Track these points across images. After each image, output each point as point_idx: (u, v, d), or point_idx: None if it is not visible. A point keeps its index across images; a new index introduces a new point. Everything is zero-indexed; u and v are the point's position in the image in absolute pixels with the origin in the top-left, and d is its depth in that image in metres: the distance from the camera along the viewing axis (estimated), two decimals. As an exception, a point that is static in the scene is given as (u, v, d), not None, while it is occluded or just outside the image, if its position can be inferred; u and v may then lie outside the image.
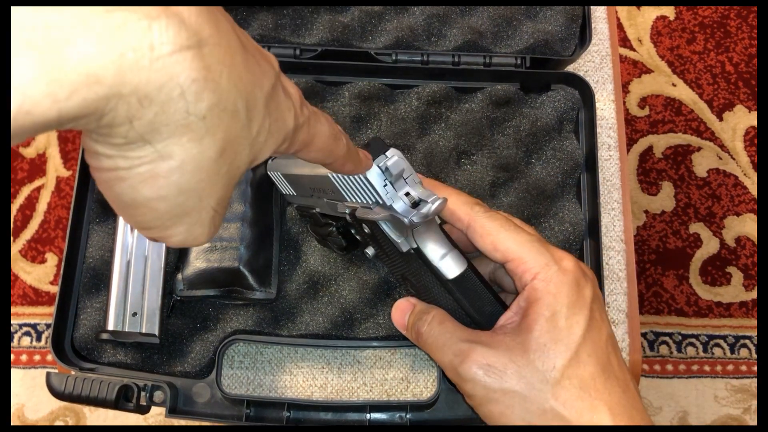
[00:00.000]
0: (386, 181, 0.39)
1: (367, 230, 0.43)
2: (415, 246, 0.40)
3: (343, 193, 0.43)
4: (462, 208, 0.41)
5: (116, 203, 0.28)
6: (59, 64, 0.21)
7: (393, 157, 0.39)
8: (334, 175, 0.42)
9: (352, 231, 0.48)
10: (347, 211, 0.43)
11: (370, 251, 0.46)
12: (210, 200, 0.29)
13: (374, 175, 0.39)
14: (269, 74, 0.29)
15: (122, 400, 0.52)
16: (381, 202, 0.39)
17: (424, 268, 0.41)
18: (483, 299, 0.41)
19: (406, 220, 0.38)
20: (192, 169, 0.26)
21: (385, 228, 0.41)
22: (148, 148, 0.25)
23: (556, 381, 0.35)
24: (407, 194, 0.39)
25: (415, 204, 0.39)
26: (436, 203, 0.38)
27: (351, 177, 0.40)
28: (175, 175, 0.26)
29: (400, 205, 0.39)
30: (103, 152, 0.26)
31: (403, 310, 0.43)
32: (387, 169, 0.39)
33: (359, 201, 0.42)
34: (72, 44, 0.21)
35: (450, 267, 0.40)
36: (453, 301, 0.41)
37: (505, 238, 0.39)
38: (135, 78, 0.23)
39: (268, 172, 0.55)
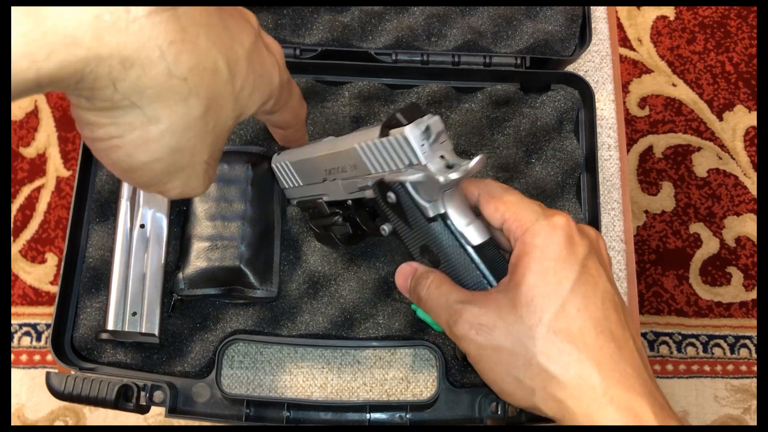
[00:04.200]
0: (423, 141, 0.40)
1: (392, 199, 0.43)
2: (442, 211, 0.41)
3: (368, 164, 0.44)
4: (475, 181, 0.42)
5: (115, 169, 0.30)
6: (37, 26, 0.22)
7: (434, 117, 0.40)
8: (362, 144, 0.43)
9: (358, 220, 0.49)
10: (369, 184, 0.44)
11: (387, 227, 0.46)
12: (202, 155, 0.30)
13: (413, 134, 0.40)
14: (248, 30, 0.30)
15: (122, 400, 0.52)
16: (417, 162, 0.40)
17: (448, 233, 0.42)
18: (503, 268, 0.41)
19: (442, 178, 0.39)
20: (181, 130, 0.28)
21: (413, 192, 0.42)
22: (137, 112, 0.26)
23: (542, 335, 0.35)
24: (442, 157, 0.40)
25: (449, 167, 0.40)
26: (476, 159, 0.39)
27: (386, 141, 0.41)
28: (166, 137, 0.27)
29: (436, 164, 0.40)
30: (94, 120, 0.26)
31: (405, 275, 0.44)
32: (428, 128, 0.40)
33: (387, 169, 0.43)
34: (49, 7, 0.22)
35: (474, 234, 0.41)
36: (474, 268, 0.41)
37: (506, 201, 0.40)
38: (113, 40, 0.23)
39: (273, 165, 0.55)
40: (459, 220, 0.41)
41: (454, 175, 0.39)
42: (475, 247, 0.41)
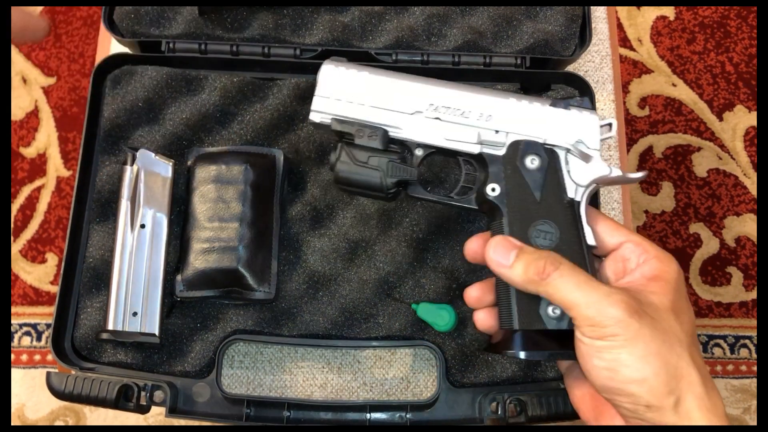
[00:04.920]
0: (601, 133, 0.47)
1: (533, 163, 0.46)
2: (578, 199, 0.45)
3: (522, 122, 0.47)
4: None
5: None
6: None
7: (615, 121, 0.48)
8: (527, 102, 0.48)
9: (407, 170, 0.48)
10: (503, 140, 0.47)
11: (497, 187, 0.46)
12: None
13: (598, 124, 0.47)
14: None
15: (122, 399, 0.52)
16: (590, 146, 0.46)
17: (574, 221, 0.45)
18: (595, 274, 0.44)
19: (612, 170, 0.46)
20: None
21: (565, 170, 0.46)
22: None
23: (689, 342, 0.40)
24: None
25: None
26: (643, 172, 0.48)
27: (568, 113, 0.47)
28: None
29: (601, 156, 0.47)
30: None
31: (506, 248, 0.44)
32: (610, 125, 0.47)
33: (547, 136, 0.47)
34: None
35: (590, 235, 0.45)
36: (583, 259, 0.44)
37: (626, 228, 0.46)
38: None
39: (334, 68, 0.50)
40: (584, 216, 0.45)
41: (636, 175, 0.46)
42: (588, 246, 0.44)
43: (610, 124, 0.48)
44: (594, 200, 0.60)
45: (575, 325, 0.40)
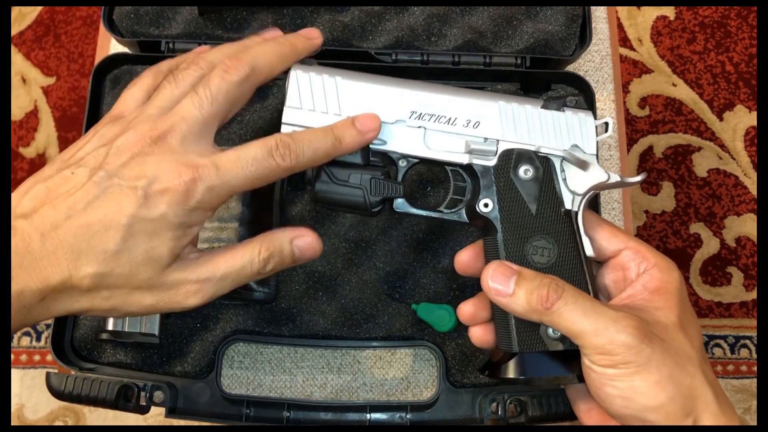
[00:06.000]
0: (598, 134, 0.44)
1: (527, 174, 0.43)
2: (576, 210, 0.43)
3: (513, 128, 0.44)
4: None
5: None
6: None
7: (610, 120, 0.45)
8: (516, 105, 0.44)
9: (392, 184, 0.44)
10: (492, 148, 0.43)
11: (490, 202, 0.43)
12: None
13: (594, 125, 0.44)
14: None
15: (122, 400, 0.52)
16: (587, 151, 0.44)
17: (572, 233, 0.42)
18: (595, 288, 0.43)
19: (611, 176, 0.43)
20: None
21: (560, 179, 0.43)
22: None
23: (699, 358, 0.39)
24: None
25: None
26: (642, 176, 0.45)
27: (562, 116, 0.44)
28: None
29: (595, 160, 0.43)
30: None
31: (505, 274, 0.41)
32: (606, 125, 0.44)
33: (540, 142, 0.43)
34: None
35: (588, 246, 0.43)
36: (583, 275, 0.42)
37: (623, 232, 0.44)
38: None
39: (303, 74, 0.44)
40: (582, 226, 0.43)
41: (635, 178, 0.43)
42: (587, 258, 0.42)
43: (606, 123, 0.44)
44: (594, 201, 0.60)
45: (583, 353, 0.39)
